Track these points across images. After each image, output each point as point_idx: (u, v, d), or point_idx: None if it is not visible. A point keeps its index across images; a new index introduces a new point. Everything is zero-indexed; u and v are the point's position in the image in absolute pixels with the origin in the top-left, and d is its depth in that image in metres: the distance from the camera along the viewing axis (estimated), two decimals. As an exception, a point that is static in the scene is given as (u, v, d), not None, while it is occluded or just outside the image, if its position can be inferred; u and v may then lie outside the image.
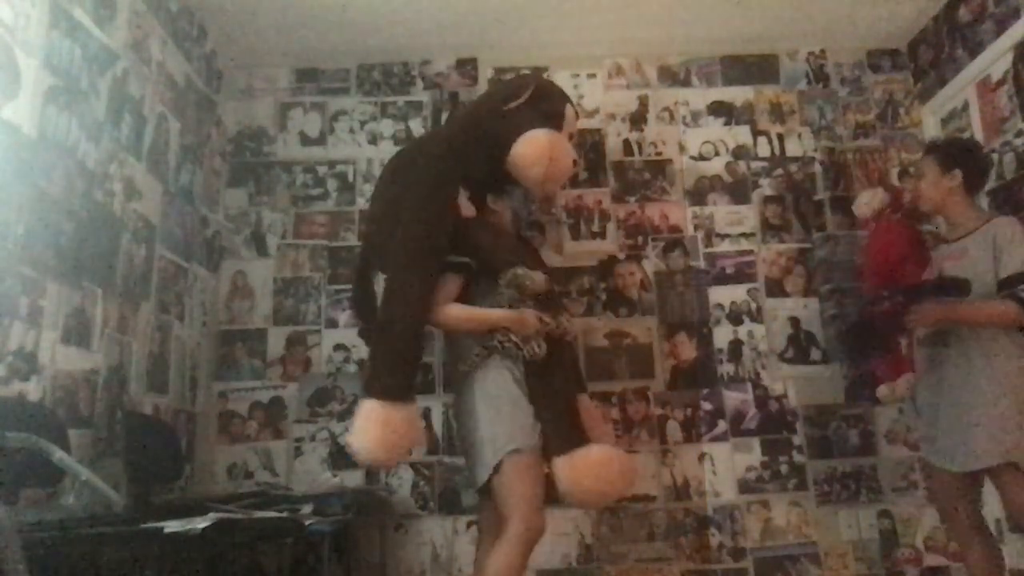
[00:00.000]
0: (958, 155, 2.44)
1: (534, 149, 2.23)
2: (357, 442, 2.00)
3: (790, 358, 3.20)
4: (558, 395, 2.13)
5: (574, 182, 3.27)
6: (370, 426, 1.97)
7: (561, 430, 2.10)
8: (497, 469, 2.01)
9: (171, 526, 1.56)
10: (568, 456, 2.05)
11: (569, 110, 2.47)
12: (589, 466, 2.07)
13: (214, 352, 3.15)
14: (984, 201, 2.96)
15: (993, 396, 2.18)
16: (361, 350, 3.16)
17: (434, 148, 2.34)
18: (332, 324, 3.19)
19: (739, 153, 3.43)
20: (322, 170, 3.38)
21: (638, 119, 3.45)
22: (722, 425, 3.11)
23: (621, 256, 3.30)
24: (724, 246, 3.31)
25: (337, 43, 3.38)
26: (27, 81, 1.98)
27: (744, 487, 3.05)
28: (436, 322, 2.18)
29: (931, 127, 3.38)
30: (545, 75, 3.46)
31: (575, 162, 2.40)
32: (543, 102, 2.34)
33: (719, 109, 3.48)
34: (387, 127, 3.43)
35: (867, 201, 2.89)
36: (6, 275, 1.87)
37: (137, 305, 2.55)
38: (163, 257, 2.76)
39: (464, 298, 2.18)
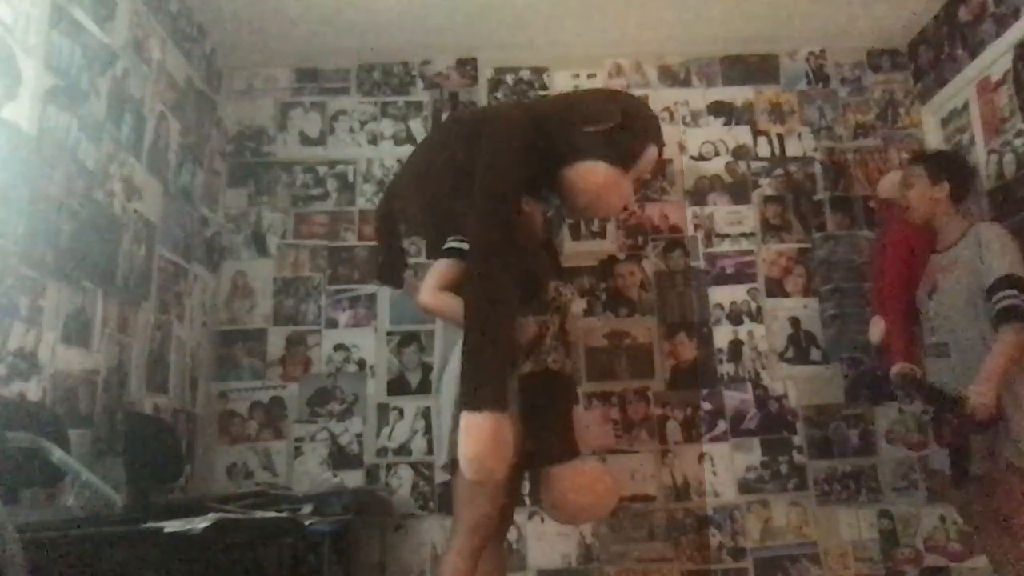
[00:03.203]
0: (946, 166, 2.50)
1: (587, 181, 2.10)
2: (480, 463, 1.77)
3: (790, 358, 3.20)
4: (554, 404, 2.03)
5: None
6: (491, 444, 1.76)
7: (556, 440, 2.01)
8: (454, 467, 1.91)
9: (171, 526, 1.56)
10: (563, 467, 1.97)
11: (650, 152, 2.23)
12: (583, 478, 1.98)
13: (214, 352, 3.15)
14: (984, 202, 2.98)
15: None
16: (362, 350, 3.16)
17: (512, 139, 2.09)
18: (332, 324, 3.19)
19: (739, 153, 3.43)
20: (322, 170, 3.38)
21: (638, 119, 3.45)
22: (722, 425, 3.11)
23: (621, 256, 3.30)
24: (724, 246, 3.31)
25: (337, 43, 3.38)
26: (27, 81, 1.98)
27: (744, 487, 3.05)
28: (423, 302, 2.04)
29: (931, 127, 3.38)
30: (545, 75, 3.47)
31: (626, 207, 2.29)
32: (624, 137, 2.14)
33: (719, 109, 3.48)
34: (387, 127, 3.43)
35: (892, 181, 2.80)
36: (6, 275, 1.87)
37: (137, 305, 2.55)
38: (163, 257, 2.76)
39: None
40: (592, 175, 2.10)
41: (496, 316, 1.88)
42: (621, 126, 2.13)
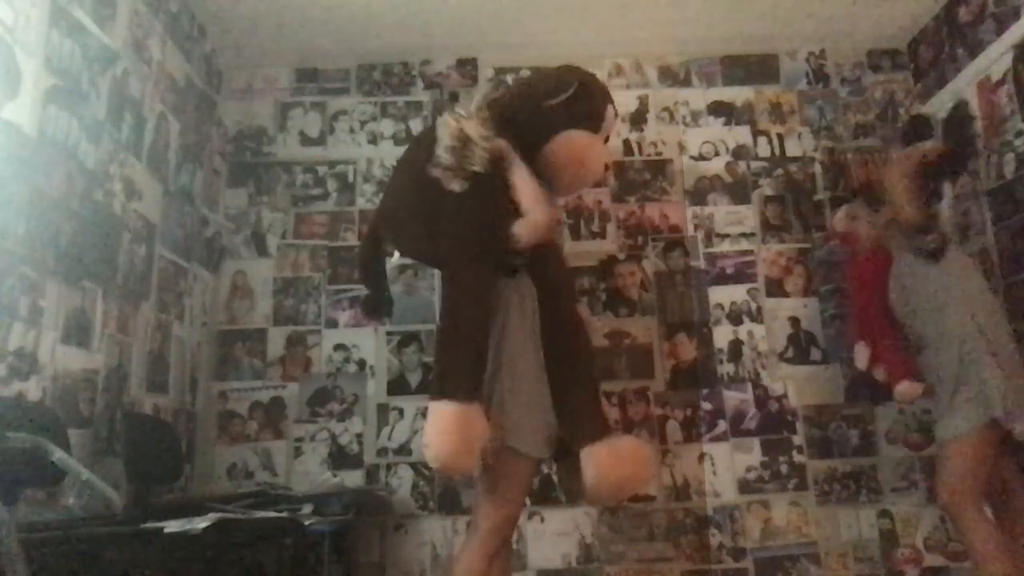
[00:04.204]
0: (882, 193, 2.68)
1: (569, 151, 2.15)
2: (437, 449, 1.81)
3: (790, 358, 3.20)
4: (586, 381, 2.08)
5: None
6: (450, 429, 1.80)
7: (592, 417, 2.04)
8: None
9: (171, 526, 1.56)
10: (602, 443, 1.97)
11: (610, 111, 2.32)
12: (625, 453, 2.00)
13: (214, 352, 3.15)
14: (984, 201, 2.98)
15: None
16: (362, 350, 3.16)
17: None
18: (332, 324, 3.19)
19: (739, 153, 3.43)
20: (322, 170, 3.38)
21: (638, 119, 3.45)
22: (722, 425, 3.12)
23: (621, 256, 3.30)
24: (724, 246, 3.31)
25: (337, 43, 3.38)
26: (27, 81, 1.98)
27: (744, 487, 3.05)
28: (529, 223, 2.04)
29: (931, 127, 3.38)
30: (545, 75, 3.47)
31: (607, 167, 2.32)
32: (584, 101, 2.20)
33: (719, 109, 3.48)
34: (387, 127, 3.43)
35: (844, 215, 2.95)
36: (6, 275, 1.87)
37: (137, 305, 2.55)
38: (163, 257, 2.77)
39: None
40: (572, 143, 2.15)
41: (468, 313, 1.93)
42: (579, 94, 2.20)
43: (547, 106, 2.16)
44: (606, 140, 2.36)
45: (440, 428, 1.81)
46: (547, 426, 1.99)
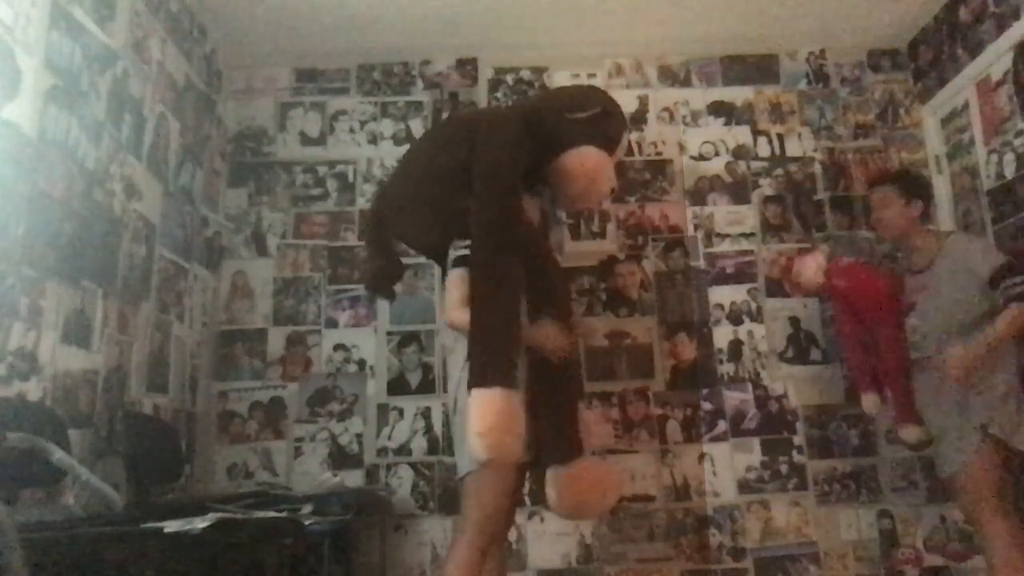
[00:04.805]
0: (916, 186, 2.64)
1: (582, 165, 2.19)
2: (496, 438, 1.76)
3: (790, 358, 3.20)
4: (564, 401, 2.10)
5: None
6: (505, 416, 1.77)
7: (565, 438, 2.06)
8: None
9: (171, 526, 1.56)
10: (571, 465, 2.03)
11: (624, 139, 2.39)
12: (591, 476, 2.05)
13: (214, 352, 3.15)
14: (984, 201, 2.98)
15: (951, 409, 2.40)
16: (362, 350, 3.16)
17: (508, 133, 2.15)
18: (332, 324, 3.19)
19: (739, 153, 3.43)
20: (322, 170, 3.38)
21: (638, 119, 3.45)
22: (722, 425, 3.11)
23: (621, 256, 3.30)
24: (724, 246, 3.31)
25: (337, 43, 3.39)
26: (27, 81, 1.98)
27: (744, 487, 3.05)
28: (452, 321, 2.05)
29: (931, 127, 3.38)
30: (545, 75, 3.48)
31: (613, 190, 2.36)
32: (606, 123, 2.26)
33: (719, 109, 3.48)
34: (387, 127, 3.43)
35: (811, 269, 2.75)
36: (6, 275, 1.87)
37: (137, 305, 2.55)
38: (163, 257, 2.77)
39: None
40: (585, 158, 2.19)
41: (501, 297, 1.92)
42: (602, 115, 2.25)
43: (571, 118, 2.21)
44: (616, 165, 2.39)
45: (496, 416, 1.76)
46: (529, 429, 1.97)
